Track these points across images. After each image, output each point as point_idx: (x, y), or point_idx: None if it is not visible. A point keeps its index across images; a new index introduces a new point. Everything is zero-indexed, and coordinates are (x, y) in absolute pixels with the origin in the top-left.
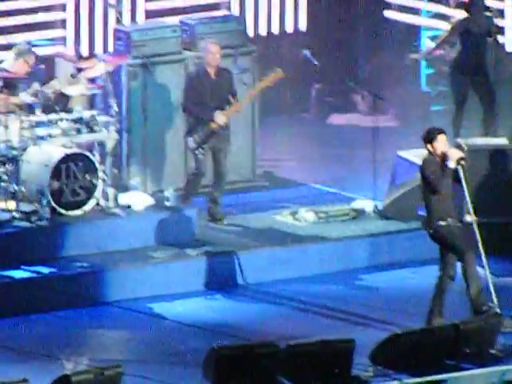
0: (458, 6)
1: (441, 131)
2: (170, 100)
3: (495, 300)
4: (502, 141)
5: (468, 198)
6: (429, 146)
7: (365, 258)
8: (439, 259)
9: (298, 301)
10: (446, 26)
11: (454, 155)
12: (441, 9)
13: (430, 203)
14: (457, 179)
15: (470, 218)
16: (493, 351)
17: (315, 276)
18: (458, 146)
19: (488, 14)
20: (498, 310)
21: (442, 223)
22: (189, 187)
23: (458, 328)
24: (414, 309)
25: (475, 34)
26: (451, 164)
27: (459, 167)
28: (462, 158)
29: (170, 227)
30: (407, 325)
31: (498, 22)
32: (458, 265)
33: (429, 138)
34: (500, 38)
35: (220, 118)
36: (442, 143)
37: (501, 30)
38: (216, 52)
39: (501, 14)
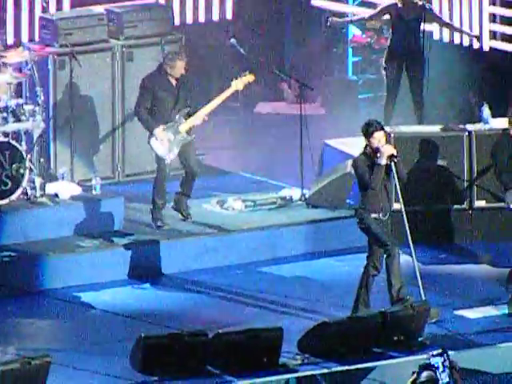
0: None
1: (378, 128)
2: (97, 89)
3: (422, 289)
4: (431, 128)
5: (398, 187)
6: (365, 139)
7: (292, 247)
8: (367, 249)
9: (226, 290)
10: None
11: (386, 152)
12: None
13: (362, 196)
14: (388, 174)
15: (398, 205)
16: (420, 339)
17: (243, 265)
18: (386, 134)
19: (421, 2)
20: (424, 298)
21: (372, 215)
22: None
23: (386, 316)
24: (340, 298)
25: (407, 20)
26: (382, 161)
27: (392, 164)
28: (393, 155)
29: (97, 216)
30: (334, 314)
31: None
32: None
33: (366, 132)
34: (428, 26)
35: (159, 134)
36: (376, 140)
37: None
38: (183, 68)
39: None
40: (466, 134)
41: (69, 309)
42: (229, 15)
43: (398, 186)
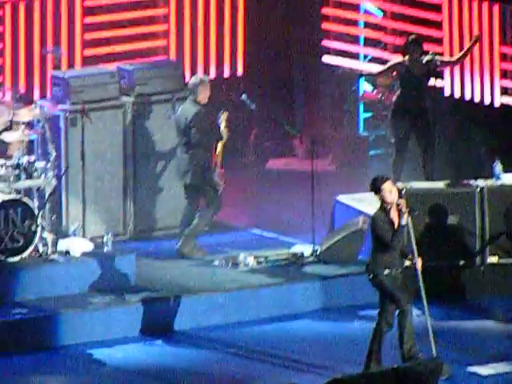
0: (396, 50)
1: (385, 180)
2: (108, 145)
3: (434, 345)
4: (442, 184)
5: (414, 244)
6: (377, 196)
7: (304, 303)
8: (378, 305)
9: (238, 346)
10: None
11: (407, 213)
12: (378, 53)
13: (375, 251)
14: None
15: (408, 262)
16: None
17: (254, 321)
18: (398, 190)
19: (428, 57)
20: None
21: (385, 272)
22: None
23: (398, 373)
24: (352, 354)
25: (415, 77)
26: (404, 221)
27: (408, 219)
28: (409, 211)
29: (109, 272)
30: (346, 370)
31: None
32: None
33: (375, 189)
34: (439, 82)
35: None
36: (387, 192)
37: (440, 74)
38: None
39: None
40: (478, 189)
41: (81, 365)
42: (239, 71)
43: (413, 243)
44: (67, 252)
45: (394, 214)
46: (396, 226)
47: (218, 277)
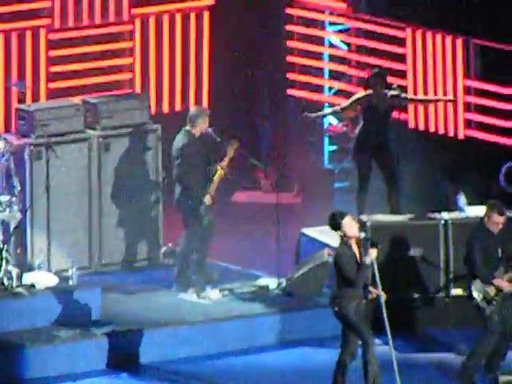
0: (361, 83)
1: (343, 215)
2: (73, 179)
3: (398, 377)
4: (407, 217)
5: (378, 278)
6: (338, 232)
7: (269, 336)
8: (342, 337)
9: (202, 380)
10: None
11: (372, 254)
12: (342, 86)
13: (340, 284)
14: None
15: (375, 292)
16: None
17: (220, 354)
18: (362, 223)
19: (394, 91)
20: None
21: (350, 304)
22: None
23: None
24: None
25: (378, 110)
26: (368, 261)
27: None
28: (376, 246)
29: (74, 306)
30: None
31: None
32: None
33: (335, 225)
34: (403, 115)
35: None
36: (348, 227)
37: (405, 107)
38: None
39: (404, 91)
40: (442, 222)
41: None
42: (205, 104)
43: (377, 277)
44: (32, 285)
45: (355, 248)
46: (359, 261)
47: (184, 309)
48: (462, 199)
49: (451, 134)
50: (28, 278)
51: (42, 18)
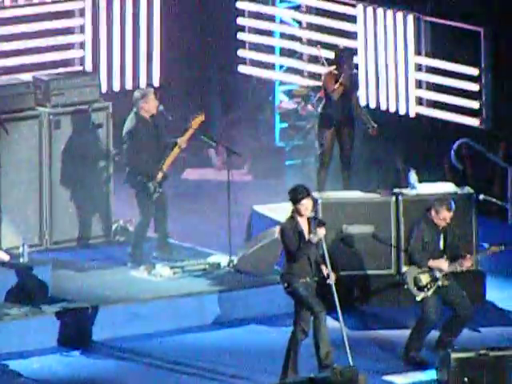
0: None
1: (306, 195)
2: (24, 156)
3: (350, 354)
4: (358, 194)
5: (327, 257)
6: (292, 205)
7: (220, 313)
8: (294, 314)
9: (154, 357)
10: (299, 80)
11: (320, 234)
12: (294, 63)
13: (288, 260)
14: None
15: (325, 272)
16: None
17: (171, 331)
18: (314, 200)
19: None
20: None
21: (299, 280)
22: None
23: (314, 382)
24: (269, 364)
25: (345, 88)
26: (314, 240)
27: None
28: (323, 224)
29: (25, 284)
30: (262, 380)
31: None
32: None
33: (294, 198)
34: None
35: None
36: (304, 207)
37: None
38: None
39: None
40: (394, 199)
41: None
42: (156, 82)
43: (326, 256)
44: None
45: (304, 225)
46: (306, 238)
47: (135, 286)
48: (413, 176)
49: (403, 111)
50: None
51: None
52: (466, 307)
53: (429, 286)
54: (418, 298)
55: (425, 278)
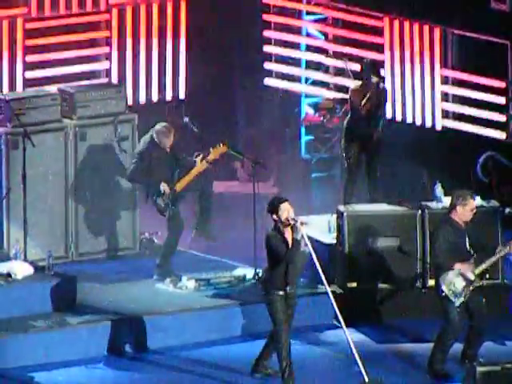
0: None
1: (283, 200)
2: (50, 168)
3: (362, 369)
4: (384, 207)
5: (319, 267)
6: (274, 216)
7: (245, 326)
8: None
9: (180, 369)
10: (325, 93)
11: (301, 228)
12: (319, 76)
13: (271, 269)
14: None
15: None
16: None
17: (195, 344)
18: (339, 213)
19: (381, 82)
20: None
21: (277, 292)
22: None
23: None
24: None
25: (371, 101)
26: (298, 236)
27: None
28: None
29: (51, 295)
30: None
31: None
32: None
33: (272, 207)
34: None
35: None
36: (284, 211)
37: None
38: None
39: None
40: (420, 212)
41: None
42: (181, 95)
43: (318, 266)
44: (8, 275)
45: (288, 233)
46: (290, 243)
47: (161, 299)
48: (439, 189)
49: (429, 124)
50: (4, 268)
51: (19, 7)
52: (481, 319)
53: (466, 291)
54: (457, 303)
55: (459, 283)
